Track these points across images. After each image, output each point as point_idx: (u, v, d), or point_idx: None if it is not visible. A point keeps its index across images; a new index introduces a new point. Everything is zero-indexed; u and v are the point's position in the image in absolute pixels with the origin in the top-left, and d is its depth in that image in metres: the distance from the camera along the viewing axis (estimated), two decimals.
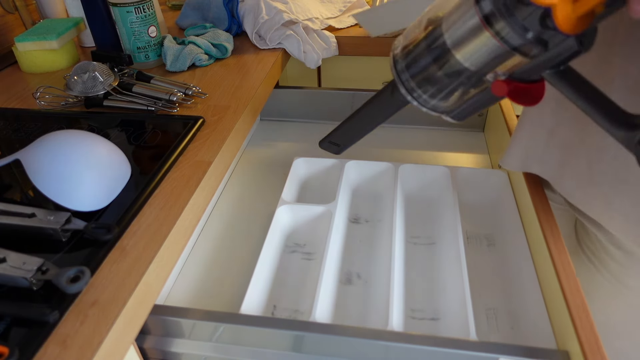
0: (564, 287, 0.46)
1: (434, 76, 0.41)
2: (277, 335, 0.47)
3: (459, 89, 0.41)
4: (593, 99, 0.35)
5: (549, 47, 0.34)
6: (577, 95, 0.35)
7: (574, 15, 0.31)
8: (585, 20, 0.32)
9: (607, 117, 0.34)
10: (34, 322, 0.38)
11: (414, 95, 0.44)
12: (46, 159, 0.50)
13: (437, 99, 0.43)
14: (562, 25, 0.31)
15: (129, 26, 0.80)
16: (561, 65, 0.35)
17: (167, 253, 0.47)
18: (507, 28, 0.33)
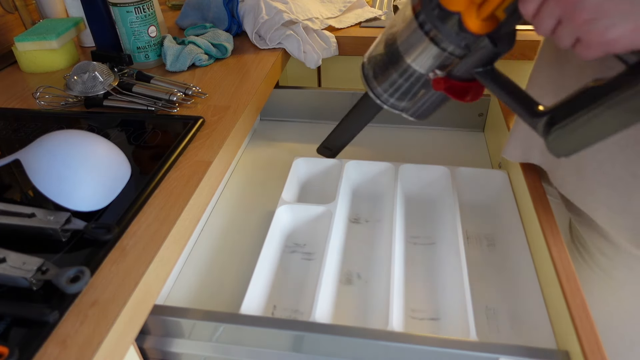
0: (564, 287, 0.46)
1: (393, 79, 0.50)
2: (277, 335, 0.47)
3: (413, 88, 0.50)
4: (513, 94, 0.43)
5: (471, 48, 0.42)
6: (501, 90, 0.43)
7: (479, 19, 0.39)
8: (490, 23, 0.40)
9: (524, 108, 0.42)
10: (34, 322, 0.38)
11: (380, 98, 0.53)
12: (46, 159, 0.50)
13: (397, 99, 0.52)
14: (470, 27, 0.40)
15: (128, 26, 0.80)
16: (487, 65, 0.43)
17: (167, 253, 0.47)
18: (437, 33, 0.42)
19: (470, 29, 0.40)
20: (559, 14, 0.35)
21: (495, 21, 0.40)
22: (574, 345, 0.42)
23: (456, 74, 0.45)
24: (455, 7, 0.40)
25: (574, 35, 0.36)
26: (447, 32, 0.42)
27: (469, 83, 0.46)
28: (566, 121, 0.39)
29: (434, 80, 0.46)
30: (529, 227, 0.59)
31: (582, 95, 0.38)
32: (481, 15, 0.39)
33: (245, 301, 0.51)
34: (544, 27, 0.37)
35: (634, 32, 0.33)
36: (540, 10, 0.36)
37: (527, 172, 0.63)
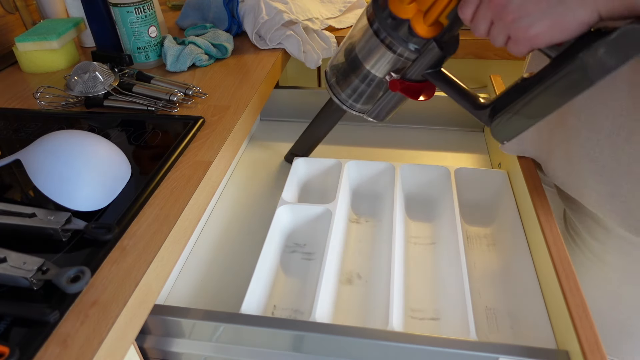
0: (564, 287, 0.46)
1: (355, 85, 0.56)
2: (277, 335, 0.47)
3: (372, 92, 0.56)
4: (460, 91, 0.50)
5: (421, 51, 0.48)
6: (450, 89, 0.50)
7: (426, 25, 0.46)
8: (436, 28, 0.46)
9: (469, 103, 0.49)
10: (35, 321, 0.38)
11: (345, 103, 0.59)
12: (46, 159, 0.50)
13: (360, 103, 0.58)
14: (419, 32, 0.46)
15: (129, 26, 0.80)
16: (436, 66, 0.50)
17: (167, 253, 0.47)
18: (391, 39, 0.48)
19: (419, 34, 0.46)
20: (490, 16, 0.40)
21: (440, 26, 0.46)
22: (574, 345, 0.42)
23: (410, 76, 0.50)
24: (405, 15, 0.46)
25: (504, 33, 0.40)
26: (399, 37, 0.48)
27: (421, 84, 0.51)
28: (504, 111, 0.45)
29: (390, 82, 0.51)
30: (529, 227, 0.59)
31: (515, 88, 0.45)
32: (427, 21, 0.45)
33: (245, 301, 0.51)
34: (480, 29, 0.42)
35: (552, 28, 0.38)
36: (476, 14, 0.41)
37: (526, 171, 0.63)
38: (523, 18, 0.38)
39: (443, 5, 0.44)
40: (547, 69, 0.41)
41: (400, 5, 0.46)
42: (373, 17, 0.49)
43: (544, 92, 0.42)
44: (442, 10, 0.44)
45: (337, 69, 0.57)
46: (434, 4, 0.44)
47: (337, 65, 0.57)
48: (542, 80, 0.42)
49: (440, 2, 0.44)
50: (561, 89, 0.41)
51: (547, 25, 0.38)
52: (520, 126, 0.45)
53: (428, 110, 0.89)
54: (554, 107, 0.42)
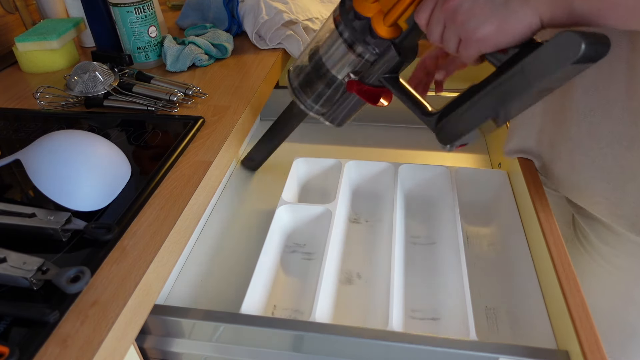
0: (564, 287, 0.46)
1: (315, 86, 0.57)
2: (277, 335, 0.47)
3: (331, 93, 0.57)
4: (412, 99, 0.51)
5: (380, 54, 0.50)
6: (403, 95, 0.51)
7: (385, 25, 0.47)
8: (395, 30, 0.48)
9: (419, 109, 0.50)
10: (35, 322, 0.38)
11: (305, 104, 0.59)
12: (46, 159, 0.50)
13: (320, 105, 0.59)
14: (377, 31, 0.48)
15: (129, 26, 0.80)
16: (394, 72, 0.51)
17: (167, 253, 0.47)
18: (351, 38, 0.50)
19: (378, 33, 0.48)
20: (443, 19, 0.42)
21: (399, 30, 0.48)
22: (574, 345, 0.42)
23: (368, 80, 0.52)
24: (367, 13, 0.48)
25: (456, 36, 0.42)
26: (360, 37, 0.49)
27: (378, 88, 0.53)
28: (449, 115, 0.48)
29: (347, 83, 0.53)
30: (529, 227, 0.59)
31: (461, 95, 0.47)
32: (387, 22, 0.47)
33: (245, 301, 0.51)
34: (434, 34, 0.43)
35: (497, 31, 0.39)
36: (430, 19, 0.43)
37: (526, 171, 0.63)
38: (471, 20, 0.39)
39: (403, 8, 0.46)
40: (491, 75, 0.43)
41: (363, 3, 0.48)
42: (339, 18, 0.51)
43: (486, 96, 0.43)
44: (401, 12, 0.46)
45: (300, 70, 0.58)
46: (395, 5, 0.46)
47: (300, 67, 0.58)
48: (486, 85, 0.43)
49: (400, 5, 0.45)
50: (502, 93, 0.42)
51: (493, 27, 0.39)
52: (462, 129, 0.47)
53: None
54: (496, 109, 0.43)
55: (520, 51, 0.40)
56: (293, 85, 0.59)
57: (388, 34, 0.48)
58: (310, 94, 0.58)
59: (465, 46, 0.42)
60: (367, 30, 0.49)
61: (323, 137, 0.73)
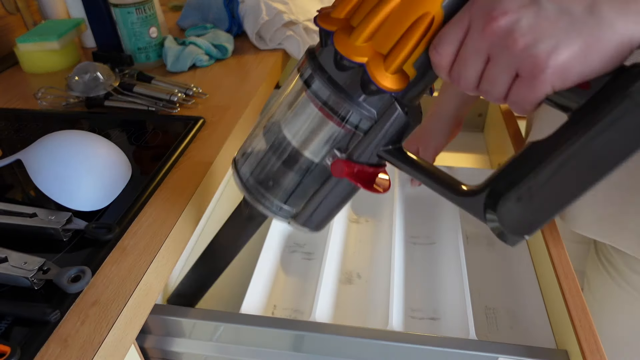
0: (563, 286, 0.47)
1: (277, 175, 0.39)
2: (277, 335, 0.47)
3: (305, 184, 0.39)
4: (430, 173, 0.35)
5: (377, 116, 0.34)
6: (416, 170, 0.35)
7: (389, 72, 0.31)
8: (400, 80, 0.32)
9: (448, 188, 0.34)
10: (35, 321, 0.38)
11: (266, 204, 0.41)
12: (47, 159, 0.50)
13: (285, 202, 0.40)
14: (379, 81, 0.31)
15: (129, 27, 0.80)
16: (396, 142, 0.35)
17: (168, 253, 0.47)
18: (333, 97, 0.33)
19: (379, 83, 0.31)
20: (486, 49, 0.28)
21: (405, 79, 0.32)
22: (573, 345, 0.42)
23: (359, 156, 0.35)
24: (359, 57, 0.31)
25: (510, 71, 0.28)
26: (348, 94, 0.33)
27: (375, 168, 0.37)
28: (510, 193, 0.30)
29: (333, 165, 0.36)
30: None
31: (523, 158, 0.30)
32: (391, 67, 0.31)
33: (245, 301, 0.51)
34: (468, 75, 0.29)
35: (584, 51, 0.26)
36: (460, 54, 0.29)
37: None
38: (541, 40, 0.26)
39: (413, 44, 0.30)
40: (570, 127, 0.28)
41: (350, 44, 0.31)
42: (309, 70, 0.35)
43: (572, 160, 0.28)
44: (410, 51, 0.30)
45: (253, 158, 0.41)
46: (400, 42, 0.30)
47: (252, 153, 0.41)
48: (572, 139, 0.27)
49: (409, 39, 0.30)
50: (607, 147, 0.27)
51: (577, 47, 0.26)
52: (539, 216, 0.30)
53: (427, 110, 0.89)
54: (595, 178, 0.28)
55: (613, 81, 0.26)
56: (244, 179, 0.41)
57: (394, 84, 0.32)
58: (273, 191, 0.40)
59: (528, 85, 0.27)
60: (358, 84, 0.33)
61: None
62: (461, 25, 0.28)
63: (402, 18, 0.30)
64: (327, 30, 0.33)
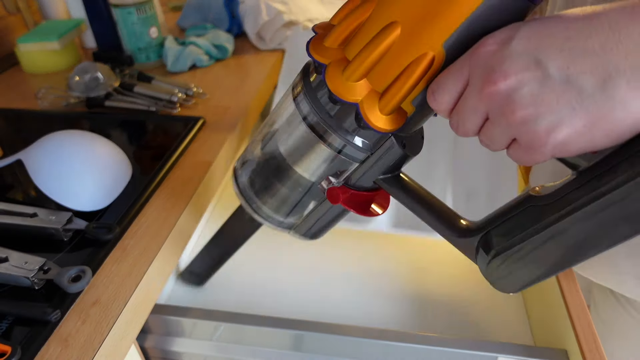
0: (563, 286, 0.47)
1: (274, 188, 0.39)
2: (277, 335, 0.47)
3: (302, 200, 0.39)
4: (428, 205, 0.33)
5: (373, 149, 0.33)
6: (412, 200, 0.34)
7: (384, 113, 0.30)
8: (397, 118, 0.30)
9: (443, 223, 0.32)
10: (36, 321, 0.38)
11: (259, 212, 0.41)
12: (48, 159, 0.50)
13: (280, 214, 0.41)
14: (372, 122, 0.30)
15: (130, 27, 0.80)
16: (393, 170, 0.34)
17: (168, 253, 0.47)
18: (326, 129, 0.33)
19: (374, 125, 0.30)
20: (484, 109, 0.26)
21: (403, 116, 0.30)
22: (573, 344, 0.43)
23: (355, 182, 0.35)
24: (352, 97, 0.30)
25: (508, 135, 0.26)
26: (341, 129, 0.32)
27: (372, 192, 0.36)
28: (506, 249, 0.29)
29: (328, 192, 0.35)
30: None
31: (522, 209, 0.29)
32: (386, 109, 0.29)
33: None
34: (466, 126, 0.27)
35: (589, 129, 0.23)
36: (459, 105, 0.27)
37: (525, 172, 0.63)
38: (541, 116, 0.24)
39: (409, 87, 0.28)
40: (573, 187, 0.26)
41: (343, 83, 0.29)
42: (303, 97, 0.33)
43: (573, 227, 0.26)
44: (406, 93, 0.28)
45: (251, 167, 0.41)
46: (396, 81, 0.28)
47: (250, 161, 0.41)
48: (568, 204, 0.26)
49: (406, 81, 0.28)
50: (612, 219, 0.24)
51: (580, 125, 0.23)
52: (531, 275, 0.29)
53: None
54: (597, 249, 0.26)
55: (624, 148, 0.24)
56: (241, 187, 0.42)
57: (388, 125, 0.30)
58: (268, 202, 0.40)
59: (527, 150, 0.26)
60: (352, 119, 0.31)
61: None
62: (460, 77, 0.26)
63: (400, 56, 0.27)
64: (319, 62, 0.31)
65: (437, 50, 0.26)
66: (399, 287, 0.58)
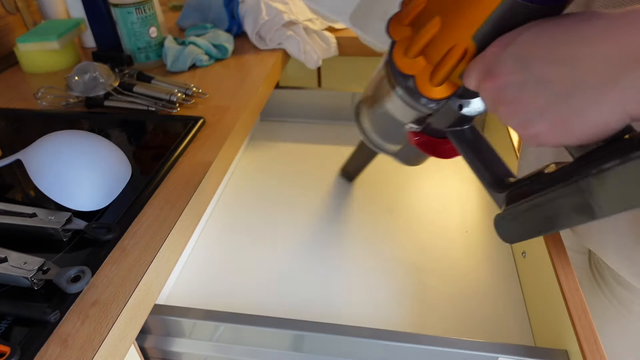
0: (563, 286, 0.47)
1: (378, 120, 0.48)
2: (277, 335, 0.47)
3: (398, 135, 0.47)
4: (484, 159, 0.38)
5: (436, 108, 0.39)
6: (468, 153, 0.39)
7: (432, 84, 0.36)
8: (447, 88, 0.36)
9: (491, 178, 0.37)
10: (35, 321, 0.38)
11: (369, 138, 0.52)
12: (47, 159, 0.50)
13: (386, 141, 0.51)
14: (423, 92, 0.37)
15: (129, 27, 0.80)
16: (462, 124, 0.39)
17: (168, 253, 0.47)
18: (401, 91, 0.40)
19: (424, 94, 0.37)
20: (490, 98, 0.31)
21: (453, 86, 0.36)
22: (573, 345, 0.42)
23: (429, 130, 0.43)
24: (409, 71, 0.37)
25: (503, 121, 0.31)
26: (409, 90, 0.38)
27: (442, 139, 0.43)
28: (515, 205, 0.34)
29: (409, 134, 0.44)
30: None
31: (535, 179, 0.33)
32: (435, 81, 0.35)
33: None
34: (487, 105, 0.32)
35: (554, 131, 0.27)
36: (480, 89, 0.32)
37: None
38: (520, 112, 0.29)
39: (449, 68, 0.34)
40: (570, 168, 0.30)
41: (403, 58, 0.37)
42: (387, 65, 0.41)
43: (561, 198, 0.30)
44: (450, 70, 0.34)
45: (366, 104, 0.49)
46: (443, 60, 0.34)
47: (366, 100, 0.49)
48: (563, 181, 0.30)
49: (447, 63, 0.34)
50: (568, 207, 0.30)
51: (547, 126, 0.28)
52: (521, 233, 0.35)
53: None
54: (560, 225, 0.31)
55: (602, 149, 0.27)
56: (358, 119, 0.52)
57: (437, 94, 0.37)
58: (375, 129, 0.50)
59: (522, 135, 0.30)
60: (414, 87, 0.38)
61: (323, 137, 0.72)
62: (477, 69, 0.31)
63: (440, 44, 0.34)
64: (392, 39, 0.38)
65: (467, 43, 0.32)
66: (399, 287, 0.58)
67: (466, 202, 0.70)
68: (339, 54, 0.98)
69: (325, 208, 0.71)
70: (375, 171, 0.74)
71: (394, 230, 0.66)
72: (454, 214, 0.69)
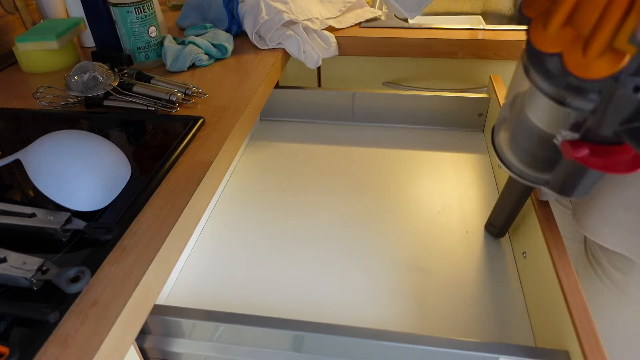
0: (564, 286, 0.46)
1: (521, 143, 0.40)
2: (277, 335, 0.47)
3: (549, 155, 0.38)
4: None
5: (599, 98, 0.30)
6: None
7: (589, 59, 0.27)
8: (612, 61, 0.27)
9: None
10: (35, 322, 0.38)
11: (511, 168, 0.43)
12: (46, 159, 0.50)
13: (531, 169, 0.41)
14: (576, 72, 0.28)
15: (129, 26, 0.80)
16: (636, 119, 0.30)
17: (168, 253, 0.47)
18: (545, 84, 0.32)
19: (574, 72, 0.28)
20: None
21: (619, 57, 0.27)
22: (574, 345, 0.42)
23: (595, 137, 0.32)
24: (554, 48, 0.29)
25: None
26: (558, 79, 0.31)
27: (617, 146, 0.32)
28: None
29: (564, 147, 0.34)
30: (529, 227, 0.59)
31: None
32: (592, 53, 0.27)
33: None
34: None
35: None
36: None
37: None
38: None
39: (616, 20, 0.26)
40: None
41: (543, 33, 0.30)
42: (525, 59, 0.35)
43: None
44: (614, 29, 0.26)
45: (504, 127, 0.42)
46: (602, 20, 0.26)
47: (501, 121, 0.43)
48: None
49: (611, 14, 0.26)
50: None
51: None
52: None
53: (427, 110, 0.89)
54: None
55: None
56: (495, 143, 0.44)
57: (597, 72, 0.28)
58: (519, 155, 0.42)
59: None
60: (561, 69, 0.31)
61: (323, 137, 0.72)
62: None
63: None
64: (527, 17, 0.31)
65: None
66: (399, 287, 0.58)
67: (466, 202, 0.70)
68: (339, 54, 0.98)
69: (325, 208, 0.71)
70: (375, 171, 0.73)
71: (394, 230, 0.66)
72: (454, 214, 0.69)
